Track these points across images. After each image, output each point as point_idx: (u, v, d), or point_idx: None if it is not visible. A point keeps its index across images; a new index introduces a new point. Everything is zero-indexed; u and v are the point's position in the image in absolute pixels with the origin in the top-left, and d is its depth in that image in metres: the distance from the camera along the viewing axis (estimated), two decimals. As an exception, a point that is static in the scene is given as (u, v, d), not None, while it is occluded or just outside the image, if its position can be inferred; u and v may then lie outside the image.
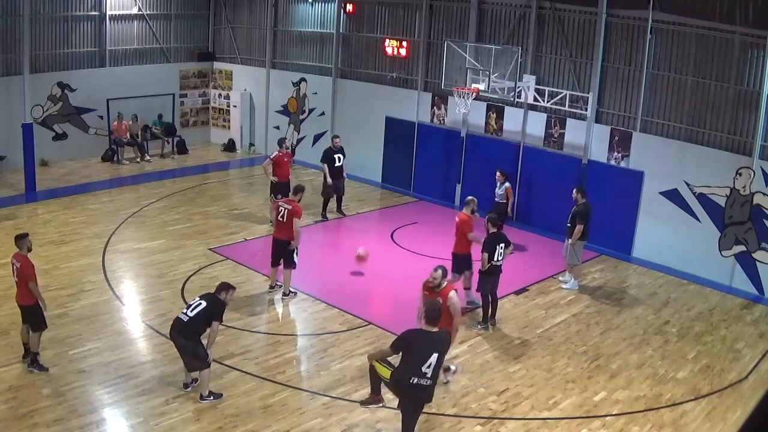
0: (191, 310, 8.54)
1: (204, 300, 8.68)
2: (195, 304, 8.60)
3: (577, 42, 15.53)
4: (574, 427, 8.75)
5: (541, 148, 16.25)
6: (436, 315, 7.29)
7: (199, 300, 8.68)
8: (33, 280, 9.01)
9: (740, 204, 13.39)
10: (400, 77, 18.72)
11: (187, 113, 22.86)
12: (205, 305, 8.54)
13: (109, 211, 15.94)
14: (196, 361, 8.60)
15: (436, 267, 8.74)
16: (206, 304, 8.57)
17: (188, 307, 8.66)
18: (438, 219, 16.93)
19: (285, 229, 11.68)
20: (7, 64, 18.37)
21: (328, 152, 16.26)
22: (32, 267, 9.09)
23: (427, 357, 7.02)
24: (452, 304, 8.47)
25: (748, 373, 10.39)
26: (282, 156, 15.24)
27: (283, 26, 21.46)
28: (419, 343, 7.17)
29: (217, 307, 8.64)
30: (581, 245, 12.83)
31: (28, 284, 8.95)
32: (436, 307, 7.38)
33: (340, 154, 16.18)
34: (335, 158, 16.07)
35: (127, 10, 20.86)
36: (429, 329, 7.24)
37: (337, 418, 8.63)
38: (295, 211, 11.59)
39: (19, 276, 9.02)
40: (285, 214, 11.62)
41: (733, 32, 13.21)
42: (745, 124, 13.37)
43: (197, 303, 8.60)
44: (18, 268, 9.02)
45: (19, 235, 9.33)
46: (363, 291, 12.85)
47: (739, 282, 13.53)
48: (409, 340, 7.24)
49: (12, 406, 8.38)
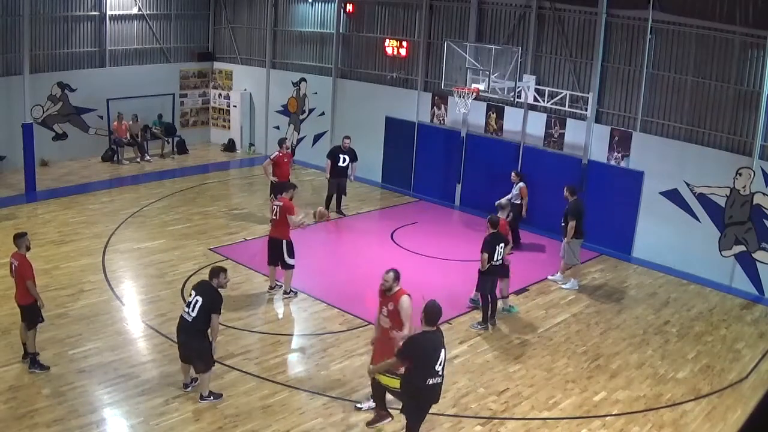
0: (192, 308, 8.50)
1: (199, 295, 8.51)
2: (193, 301, 8.52)
3: (577, 42, 15.53)
4: (574, 427, 8.75)
5: (541, 148, 16.25)
6: (436, 316, 7.34)
7: (195, 296, 8.52)
8: (31, 278, 9.03)
9: (740, 204, 13.39)
10: (400, 77, 18.73)
11: (187, 113, 22.86)
12: (202, 301, 8.43)
13: (109, 211, 15.94)
14: (201, 363, 8.60)
15: (387, 270, 8.26)
16: (203, 299, 8.45)
17: (188, 305, 8.61)
18: (438, 219, 16.96)
19: (279, 226, 11.78)
20: (7, 64, 18.37)
21: (335, 150, 16.50)
22: (30, 266, 9.11)
23: (437, 356, 7.19)
24: (403, 309, 8.04)
25: (748, 373, 10.38)
26: (282, 156, 15.29)
27: (283, 26, 21.46)
28: (427, 344, 7.27)
29: (214, 299, 8.53)
30: (577, 243, 12.81)
31: (25, 283, 8.97)
32: (436, 308, 7.34)
33: (347, 155, 16.20)
34: (339, 157, 16.15)
35: (127, 10, 20.86)
36: (429, 329, 7.32)
37: (337, 418, 8.63)
38: (287, 207, 11.66)
39: (17, 275, 9.04)
40: (278, 211, 11.73)
41: (733, 32, 13.21)
42: (745, 124, 13.37)
43: (194, 300, 8.50)
44: (16, 266, 9.05)
45: (17, 234, 9.35)
46: (363, 291, 12.83)
47: (739, 282, 13.53)
48: (417, 344, 7.30)
49: (12, 406, 8.38)
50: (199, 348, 8.56)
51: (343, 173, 16.29)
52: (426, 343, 7.27)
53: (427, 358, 7.18)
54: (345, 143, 16.31)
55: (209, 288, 8.62)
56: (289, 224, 11.64)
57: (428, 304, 7.39)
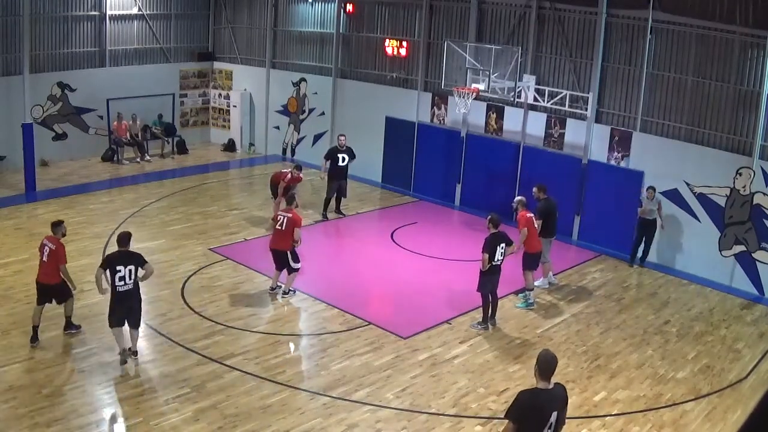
0: (128, 278, 9.23)
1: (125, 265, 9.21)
2: (124, 273, 9.19)
3: (577, 42, 15.53)
4: (574, 427, 8.74)
5: (541, 148, 16.25)
6: (551, 368, 6.00)
7: (122, 268, 9.18)
8: (63, 262, 9.96)
9: (740, 204, 13.39)
10: (400, 77, 18.73)
11: (187, 113, 22.86)
12: (133, 267, 9.25)
13: (109, 211, 15.94)
14: (137, 317, 9.58)
15: None
16: (133, 266, 9.25)
17: (120, 279, 9.20)
18: (438, 219, 16.95)
19: (283, 237, 11.69)
20: (7, 64, 18.37)
21: (333, 150, 16.32)
22: (65, 252, 10.02)
23: (547, 418, 5.97)
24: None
25: (748, 373, 10.39)
26: (295, 180, 14.97)
27: (283, 26, 21.46)
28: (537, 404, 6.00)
29: (138, 257, 9.40)
30: (547, 242, 12.71)
31: (59, 266, 9.88)
32: (549, 358, 6.03)
33: (344, 153, 16.07)
34: (338, 157, 16.03)
35: (127, 10, 20.86)
36: (545, 386, 5.99)
37: (337, 418, 8.63)
38: (295, 220, 11.70)
39: (51, 257, 9.86)
40: (285, 222, 11.65)
41: (733, 32, 13.21)
42: (745, 124, 13.37)
43: (124, 271, 9.19)
44: (52, 250, 9.88)
45: (55, 222, 10.30)
46: (363, 291, 12.85)
47: (739, 282, 13.53)
48: (528, 404, 6.02)
49: (12, 406, 8.38)
50: (138, 307, 9.55)
51: (343, 174, 16.19)
52: (536, 403, 5.98)
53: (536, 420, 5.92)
54: (341, 141, 16.21)
55: (129, 253, 9.43)
56: (294, 236, 11.63)
57: (542, 353, 6.14)
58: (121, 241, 9.50)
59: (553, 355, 6.11)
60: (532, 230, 11.97)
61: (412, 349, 10.46)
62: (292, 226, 11.61)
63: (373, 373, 9.71)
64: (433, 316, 11.56)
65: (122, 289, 9.25)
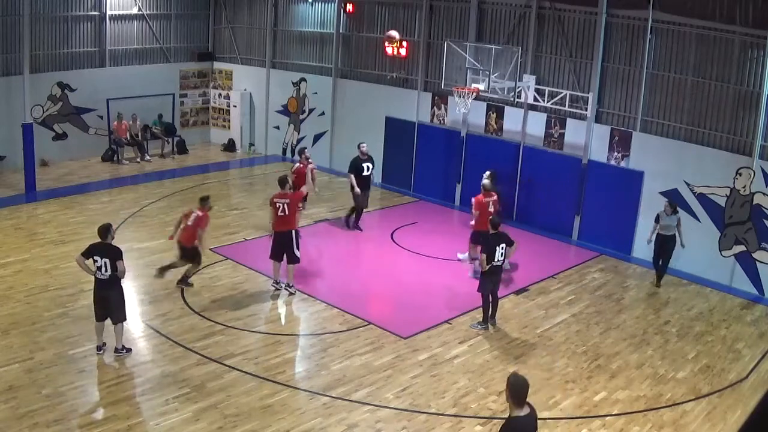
0: (104, 270, 9.36)
1: (102, 256, 9.36)
2: (100, 264, 9.37)
3: (577, 42, 15.53)
4: (574, 427, 8.75)
5: (541, 148, 16.25)
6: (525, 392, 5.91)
7: (99, 259, 9.37)
8: (204, 227, 11.67)
9: (740, 204, 13.39)
10: (400, 77, 18.73)
11: (187, 113, 22.86)
12: (108, 261, 9.34)
13: (109, 211, 15.93)
14: (121, 312, 9.66)
15: None
16: (109, 259, 9.34)
17: (98, 269, 9.39)
18: (438, 219, 16.95)
19: (286, 221, 11.82)
20: (7, 64, 18.38)
21: (355, 161, 15.23)
22: (209, 220, 11.81)
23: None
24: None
25: (748, 373, 10.39)
26: (303, 168, 14.46)
27: (283, 26, 21.46)
28: None
29: (115, 251, 9.50)
30: None
31: (198, 230, 11.57)
32: (521, 382, 5.92)
33: (369, 162, 15.25)
34: (363, 167, 15.13)
35: (127, 10, 20.86)
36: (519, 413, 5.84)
37: (337, 418, 8.64)
38: (294, 200, 11.93)
39: (195, 222, 11.58)
40: (285, 207, 11.75)
41: (733, 32, 13.21)
42: (745, 124, 13.37)
43: (100, 262, 9.36)
44: (199, 216, 11.59)
45: (203, 197, 12.10)
46: (363, 291, 12.85)
47: (739, 282, 13.53)
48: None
49: (12, 406, 8.38)
50: (117, 298, 9.62)
51: (368, 184, 15.47)
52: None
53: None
54: (363, 149, 15.25)
55: (108, 246, 9.52)
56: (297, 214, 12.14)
57: (511, 378, 6.00)
58: (100, 233, 9.64)
59: (524, 379, 5.95)
60: (484, 212, 12.89)
61: (412, 349, 10.46)
62: (294, 206, 11.92)
63: (373, 373, 9.72)
64: (433, 316, 11.56)
65: (100, 277, 9.46)
